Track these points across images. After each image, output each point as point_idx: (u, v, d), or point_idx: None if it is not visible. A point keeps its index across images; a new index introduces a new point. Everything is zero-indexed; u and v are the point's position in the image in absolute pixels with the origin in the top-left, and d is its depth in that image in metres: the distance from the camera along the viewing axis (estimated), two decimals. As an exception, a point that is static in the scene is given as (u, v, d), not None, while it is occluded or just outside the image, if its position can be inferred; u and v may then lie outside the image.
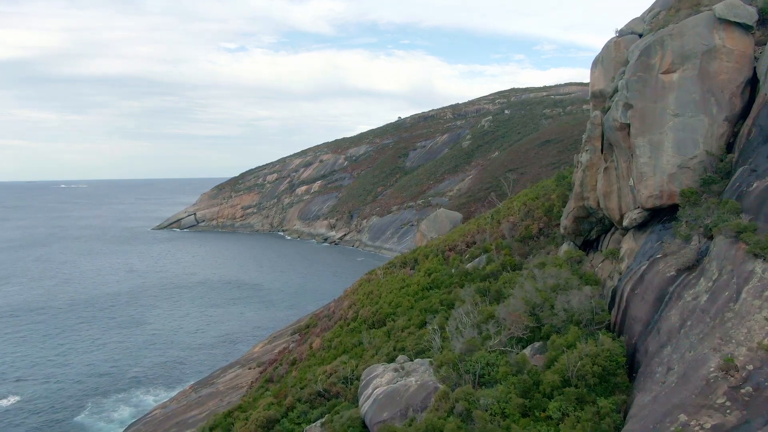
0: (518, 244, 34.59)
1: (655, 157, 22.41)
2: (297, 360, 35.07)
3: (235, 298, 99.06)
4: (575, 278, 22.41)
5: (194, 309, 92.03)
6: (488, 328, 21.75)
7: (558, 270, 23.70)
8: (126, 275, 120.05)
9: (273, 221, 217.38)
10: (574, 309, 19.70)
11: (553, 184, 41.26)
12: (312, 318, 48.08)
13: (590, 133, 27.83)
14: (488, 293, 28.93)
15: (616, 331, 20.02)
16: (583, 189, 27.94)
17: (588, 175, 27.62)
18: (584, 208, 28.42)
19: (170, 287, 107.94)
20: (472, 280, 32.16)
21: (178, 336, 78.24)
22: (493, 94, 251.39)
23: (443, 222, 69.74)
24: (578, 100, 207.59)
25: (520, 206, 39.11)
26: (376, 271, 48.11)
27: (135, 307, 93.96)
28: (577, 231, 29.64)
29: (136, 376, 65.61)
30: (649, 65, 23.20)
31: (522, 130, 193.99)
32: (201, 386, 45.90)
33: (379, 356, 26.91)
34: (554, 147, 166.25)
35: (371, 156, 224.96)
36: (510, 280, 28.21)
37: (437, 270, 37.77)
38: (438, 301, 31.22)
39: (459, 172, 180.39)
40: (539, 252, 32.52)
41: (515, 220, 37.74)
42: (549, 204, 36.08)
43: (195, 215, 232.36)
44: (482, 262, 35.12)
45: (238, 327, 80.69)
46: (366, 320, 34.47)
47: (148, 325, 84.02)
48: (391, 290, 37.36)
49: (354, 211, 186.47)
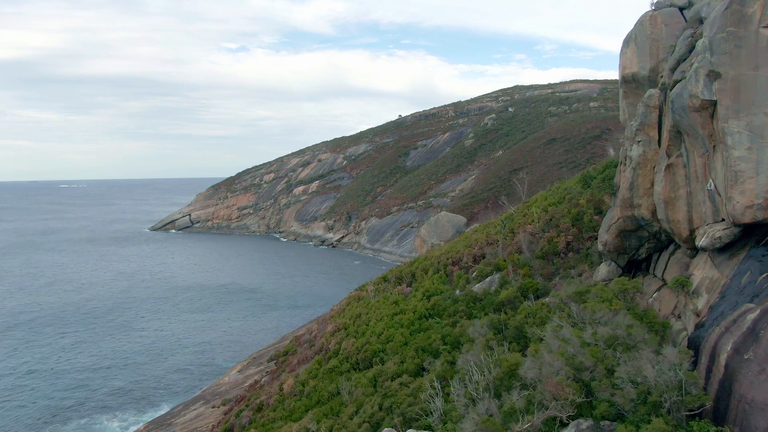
0: (540, 261, 27.62)
1: (758, 149, 15.33)
2: (264, 405, 28.12)
3: (221, 304, 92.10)
4: (641, 328, 15.40)
5: (176, 318, 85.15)
6: (512, 399, 14.72)
7: (609, 309, 16.65)
8: (110, 280, 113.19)
9: (269, 222, 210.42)
10: (651, 383, 12.70)
11: (577, 185, 34.27)
12: (292, 342, 41.09)
13: (643, 119, 20.78)
14: (504, 329, 21.90)
15: (711, 414, 13.00)
16: (633, 194, 20.91)
17: (640, 176, 20.60)
18: (633, 218, 21.40)
19: (153, 293, 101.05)
20: (483, 309, 25.23)
21: (156, 350, 71.33)
22: (497, 91, 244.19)
23: (445, 227, 62.50)
24: (584, 98, 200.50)
25: (539, 213, 32.05)
26: (367, 287, 41.22)
27: (114, 315, 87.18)
28: (621, 248, 22.62)
29: (103, 399, 58.77)
30: (745, 16, 16.07)
31: (526, 128, 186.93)
32: (157, 427, 39.05)
33: (360, 417, 19.98)
34: (560, 146, 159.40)
35: (371, 155, 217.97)
36: (534, 314, 21.19)
37: (438, 291, 30.86)
38: (439, 338, 24.27)
39: (461, 172, 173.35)
40: (567, 273, 25.53)
41: (534, 230, 30.70)
42: (576, 211, 29.08)
43: (190, 216, 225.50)
44: (494, 284, 28.19)
45: (221, 340, 73.68)
46: (349, 357, 27.52)
47: (125, 336, 77.21)
48: (382, 317, 30.35)
49: (352, 213, 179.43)
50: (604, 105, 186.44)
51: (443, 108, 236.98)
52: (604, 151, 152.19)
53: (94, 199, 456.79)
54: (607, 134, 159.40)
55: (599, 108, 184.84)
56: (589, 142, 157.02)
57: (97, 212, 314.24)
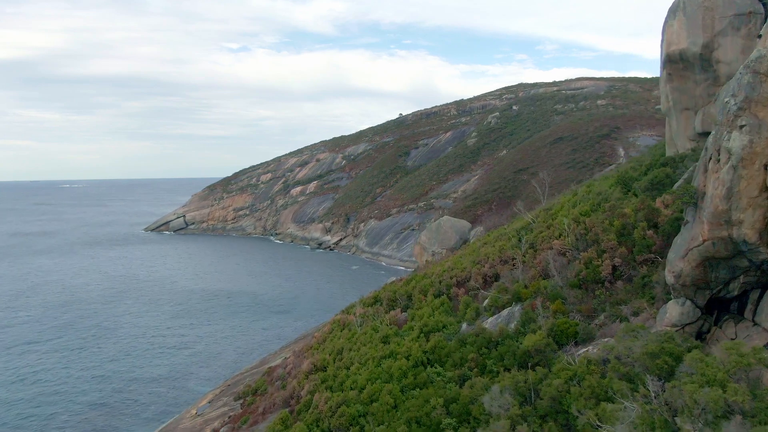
0: (576, 292, 20.70)
1: None
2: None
3: (206, 313, 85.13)
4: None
5: (156, 327, 78.16)
6: None
7: (723, 400, 9.74)
8: (93, 285, 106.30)
9: (266, 224, 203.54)
10: None
11: (614, 188, 27.31)
12: (263, 379, 34.02)
13: (749, 93, 13.81)
14: (535, 398, 14.98)
15: None
16: (731, 205, 13.97)
17: (744, 178, 13.69)
18: (729, 241, 14.50)
19: (139, 299, 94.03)
20: (501, 359, 18.42)
21: (127, 366, 64.39)
22: (500, 89, 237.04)
23: (448, 233, 55.66)
24: (591, 96, 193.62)
25: (569, 223, 24.96)
26: (355, 309, 34.31)
27: (93, 320, 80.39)
28: (704, 281, 15.71)
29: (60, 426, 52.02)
30: None
31: (532, 127, 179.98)
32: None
33: None
34: (568, 145, 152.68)
35: (370, 155, 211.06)
36: (580, 378, 14.20)
37: (440, 325, 23.98)
38: (441, 403, 17.35)
39: (464, 172, 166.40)
40: (616, 311, 18.61)
41: (565, 248, 23.67)
42: (621, 223, 22.07)
43: (184, 217, 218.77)
44: (514, 320, 21.35)
45: (200, 356, 66.69)
46: (320, 419, 20.57)
47: (98, 347, 70.46)
48: (367, 359, 23.39)
49: (351, 214, 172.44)
50: (612, 103, 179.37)
51: (445, 106, 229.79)
52: (614, 150, 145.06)
53: (93, 200, 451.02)
54: (616, 133, 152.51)
55: (607, 106, 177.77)
56: (598, 142, 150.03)
57: (94, 213, 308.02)
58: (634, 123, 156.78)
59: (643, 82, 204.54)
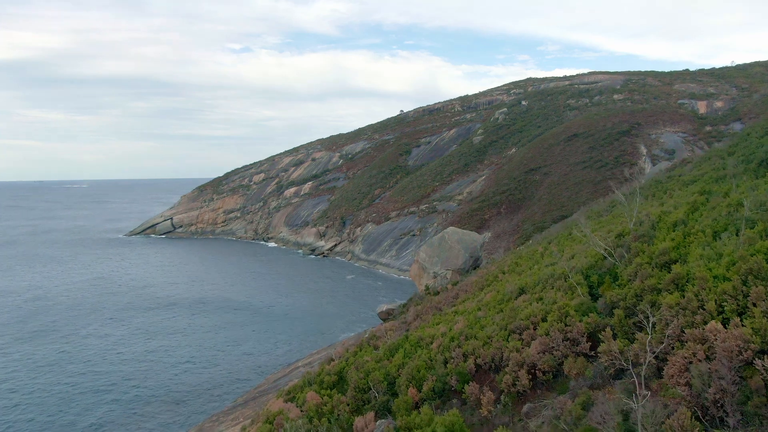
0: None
1: None
2: None
3: (176, 334, 72.15)
4: None
5: (116, 351, 65.19)
6: None
7: None
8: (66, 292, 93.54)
9: (258, 227, 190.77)
10: None
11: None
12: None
13: None
14: None
15: None
16: None
17: None
18: None
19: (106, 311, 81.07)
20: None
21: (76, 402, 51.57)
22: (508, 84, 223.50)
23: (453, 248, 42.47)
24: (607, 90, 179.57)
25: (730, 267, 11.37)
26: (300, 396, 21.03)
27: (50, 338, 67.66)
28: None
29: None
30: None
31: (543, 123, 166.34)
32: None
33: None
34: (584, 142, 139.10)
35: (369, 154, 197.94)
36: None
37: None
38: None
39: (470, 172, 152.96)
40: None
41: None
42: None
43: (172, 220, 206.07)
44: None
45: (162, 399, 53.75)
46: None
47: (50, 371, 58.04)
48: None
49: (347, 218, 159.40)
50: (630, 98, 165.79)
51: (449, 102, 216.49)
52: (635, 149, 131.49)
53: (91, 200, 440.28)
54: (636, 129, 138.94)
55: (625, 101, 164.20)
56: (617, 139, 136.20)
57: (92, 213, 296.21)
58: (656, 119, 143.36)
59: (661, 75, 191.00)
